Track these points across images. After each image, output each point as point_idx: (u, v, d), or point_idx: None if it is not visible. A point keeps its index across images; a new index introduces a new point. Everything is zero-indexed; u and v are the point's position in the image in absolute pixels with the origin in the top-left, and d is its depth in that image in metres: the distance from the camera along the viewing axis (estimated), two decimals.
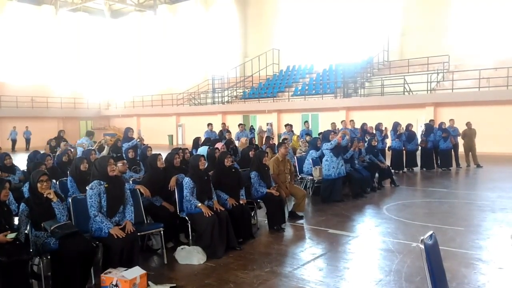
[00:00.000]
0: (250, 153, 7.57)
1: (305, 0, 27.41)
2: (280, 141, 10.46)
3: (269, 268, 4.76)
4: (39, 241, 4.11)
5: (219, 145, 9.60)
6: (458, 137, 13.48)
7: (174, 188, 5.62)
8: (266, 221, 6.48)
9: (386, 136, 12.58)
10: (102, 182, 4.49)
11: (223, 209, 5.44)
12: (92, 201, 4.41)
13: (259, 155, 6.72)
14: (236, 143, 12.18)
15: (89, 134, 11.80)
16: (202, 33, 32.34)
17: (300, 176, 9.27)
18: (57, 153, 9.50)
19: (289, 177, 7.31)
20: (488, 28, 21.30)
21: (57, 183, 6.11)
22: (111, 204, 4.49)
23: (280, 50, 28.71)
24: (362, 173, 9.08)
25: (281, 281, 4.41)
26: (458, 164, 13.38)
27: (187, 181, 5.42)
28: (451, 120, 13.45)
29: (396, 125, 12.70)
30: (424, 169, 12.91)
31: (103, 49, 36.51)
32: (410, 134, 12.87)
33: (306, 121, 15.70)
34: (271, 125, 22.91)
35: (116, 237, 4.25)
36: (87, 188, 4.54)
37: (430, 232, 2.57)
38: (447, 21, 22.36)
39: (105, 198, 4.47)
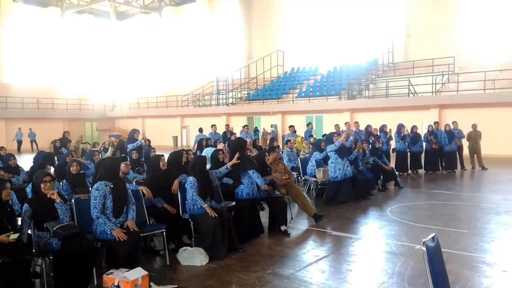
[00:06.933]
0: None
1: (310, 1, 27.44)
2: (284, 142, 10.42)
3: (271, 270, 4.74)
4: (41, 242, 4.12)
5: (220, 146, 9.62)
6: (463, 139, 13.38)
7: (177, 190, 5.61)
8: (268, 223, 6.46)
9: (390, 138, 12.51)
10: (107, 183, 4.48)
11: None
12: (96, 203, 4.38)
13: (260, 155, 6.73)
14: None
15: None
16: (206, 35, 32.45)
17: (303, 178, 9.25)
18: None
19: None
20: (493, 29, 21.22)
21: (61, 184, 6.13)
22: (117, 204, 4.48)
23: (285, 52, 28.72)
24: (365, 175, 9.04)
25: (283, 283, 4.39)
26: (463, 166, 13.31)
27: (191, 180, 5.38)
28: (454, 122, 13.37)
29: (400, 127, 12.63)
30: (430, 171, 12.84)
31: (108, 51, 36.71)
32: (414, 136, 12.81)
33: (310, 123, 15.69)
34: (275, 126, 22.92)
35: (118, 239, 4.24)
36: (93, 188, 4.47)
37: (432, 235, 2.55)
38: (452, 22, 22.28)
39: (111, 198, 4.46)
